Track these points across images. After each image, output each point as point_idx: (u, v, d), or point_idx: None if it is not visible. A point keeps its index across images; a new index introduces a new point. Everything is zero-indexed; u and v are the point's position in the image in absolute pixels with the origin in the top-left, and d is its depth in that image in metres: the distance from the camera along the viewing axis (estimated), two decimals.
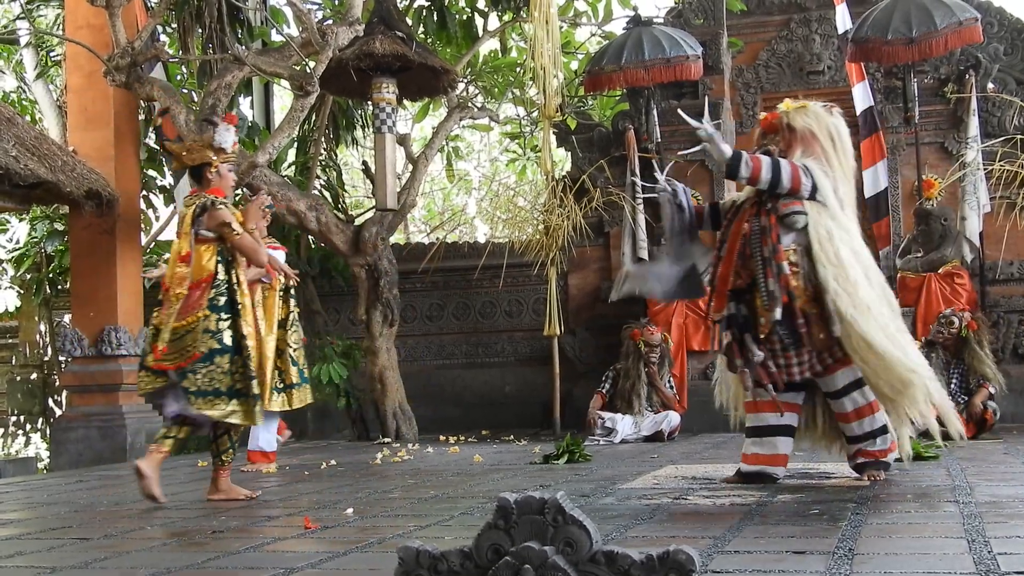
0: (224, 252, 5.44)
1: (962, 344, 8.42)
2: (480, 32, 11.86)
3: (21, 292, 14.25)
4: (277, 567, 3.41)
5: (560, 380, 10.30)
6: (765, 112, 5.72)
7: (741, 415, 5.64)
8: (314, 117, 11.83)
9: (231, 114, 6.07)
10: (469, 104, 12.01)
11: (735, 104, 11.30)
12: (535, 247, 10.24)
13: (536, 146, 13.34)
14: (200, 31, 10.92)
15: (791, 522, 4.04)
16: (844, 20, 10.50)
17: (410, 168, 11.60)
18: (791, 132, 5.38)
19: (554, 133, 11.39)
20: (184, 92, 11.71)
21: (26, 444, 13.81)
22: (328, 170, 12.85)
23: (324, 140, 12.32)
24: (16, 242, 13.86)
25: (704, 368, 10.41)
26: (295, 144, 12.58)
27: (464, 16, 11.83)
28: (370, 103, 10.28)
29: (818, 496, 4.78)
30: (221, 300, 5.36)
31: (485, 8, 11.83)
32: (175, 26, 11.47)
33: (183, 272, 5.43)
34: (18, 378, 14.15)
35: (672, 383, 9.56)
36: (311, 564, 3.44)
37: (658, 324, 9.90)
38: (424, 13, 11.64)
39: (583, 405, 9.80)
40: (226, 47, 10.20)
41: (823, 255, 5.09)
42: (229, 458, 5.60)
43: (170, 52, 11.08)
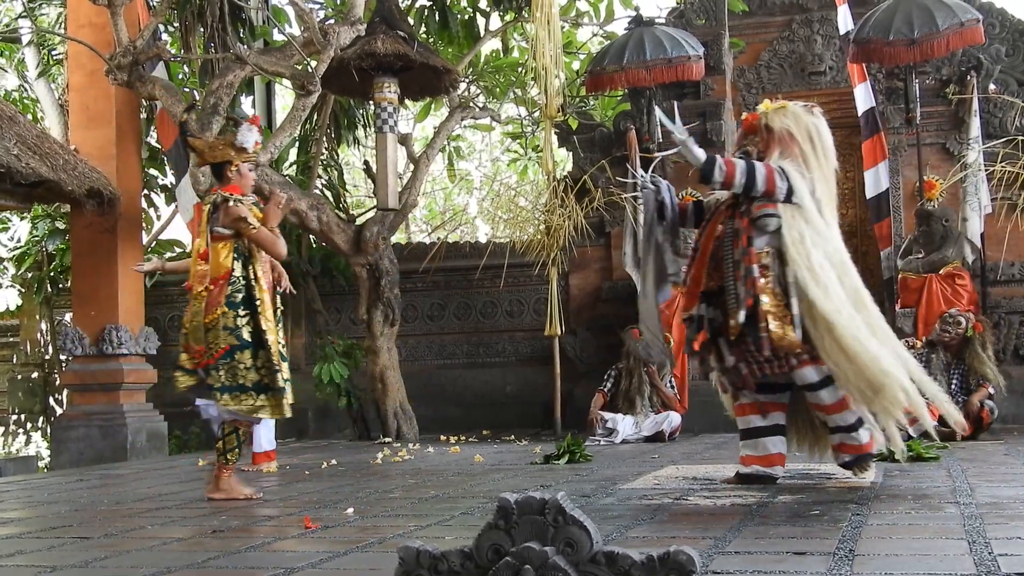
0: (241, 249, 5.48)
1: (965, 344, 8.40)
2: (482, 32, 11.85)
3: (22, 291, 14.25)
4: (278, 567, 3.41)
5: (561, 380, 10.30)
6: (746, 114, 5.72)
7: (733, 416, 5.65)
8: (316, 116, 11.83)
9: (255, 116, 6.11)
10: (471, 104, 12.01)
11: (737, 105, 11.31)
12: (536, 247, 10.23)
13: (537, 146, 13.33)
14: (202, 30, 10.92)
15: (792, 523, 4.04)
16: (846, 21, 10.50)
17: (411, 168, 11.60)
18: (769, 133, 5.36)
19: (555, 133, 11.39)
20: (186, 91, 11.71)
21: (27, 443, 13.80)
22: (329, 169, 12.84)
23: (325, 139, 12.31)
24: (17, 240, 13.87)
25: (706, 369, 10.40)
26: (296, 143, 12.58)
27: (466, 16, 11.83)
28: (372, 103, 10.28)
29: (819, 497, 4.78)
30: (239, 296, 5.42)
31: (487, 8, 11.83)
32: (177, 25, 11.47)
33: (203, 270, 5.51)
34: (19, 377, 14.15)
35: (673, 383, 9.56)
36: (312, 564, 3.44)
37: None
38: (426, 13, 11.64)
39: (584, 405, 9.80)
40: (228, 46, 10.20)
41: (794, 258, 5.05)
42: (235, 458, 5.61)
43: (172, 51, 11.08)
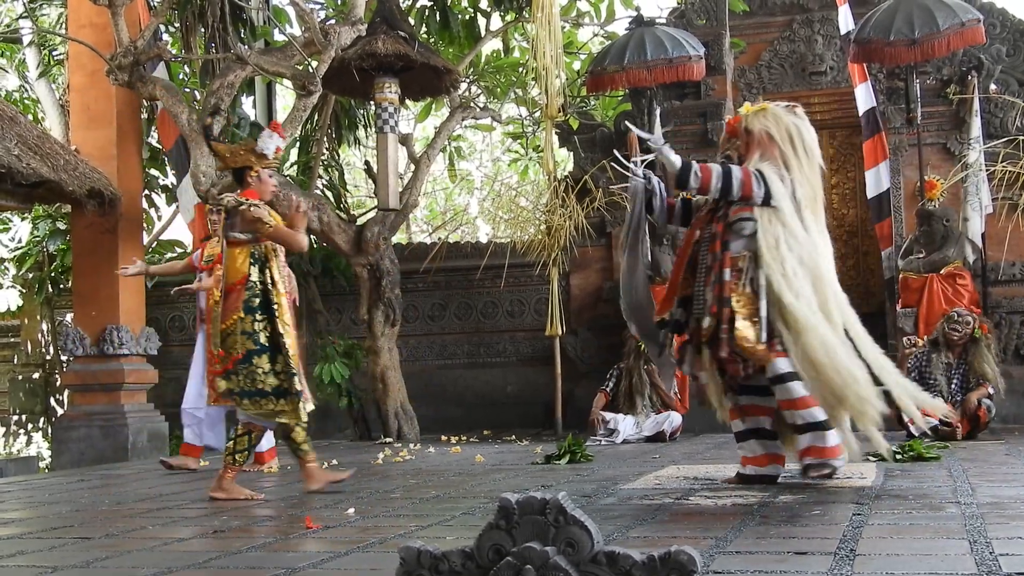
0: (257, 254, 5.52)
1: (971, 344, 8.36)
2: (482, 32, 11.86)
3: (23, 291, 14.26)
4: (279, 567, 3.41)
5: (562, 380, 10.30)
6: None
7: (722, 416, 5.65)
8: (316, 117, 11.83)
9: (275, 123, 6.14)
10: (471, 104, 12.01)
11: (737, 105, 11.30)
12: (537, 247, 10.24)
13: (538, 146, 13.33)
14: (203, 30, 10.92)
15: (793, 522, 4.04)
16: (846, 21, 10.50)
17: (412, 168, 11.60)
18: (749, 136, 5.34)
19: (556, 133, 11.39)
20: (186, 91, 11.71)
21: (28, 443, 13.81)
22: (330, 170, 12.85)
23: (326, 140, 12.32)
24: (18, 241, 13.88)
25: None
26: (297, 144, 12.59)
27: (467, 16, 11.83)
28: (372, 103, 10.28)
29: (820, 497, 4.78)
30: (256, 301, 5.46)
31: (488, 8, 11.83)
32: (177, 25, 11.48)
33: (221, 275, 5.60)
34: (20, 377, 14.16)
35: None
36: (312, 564, 3.44)
37: None
38: (427, 13, 11.65)
39: (585, 405, 9.80)
40: (229, 46, 10.20)
41: (769, 263, 5.04)
42: (243, 459, 5.64)
43: (173, 51, 11.09)
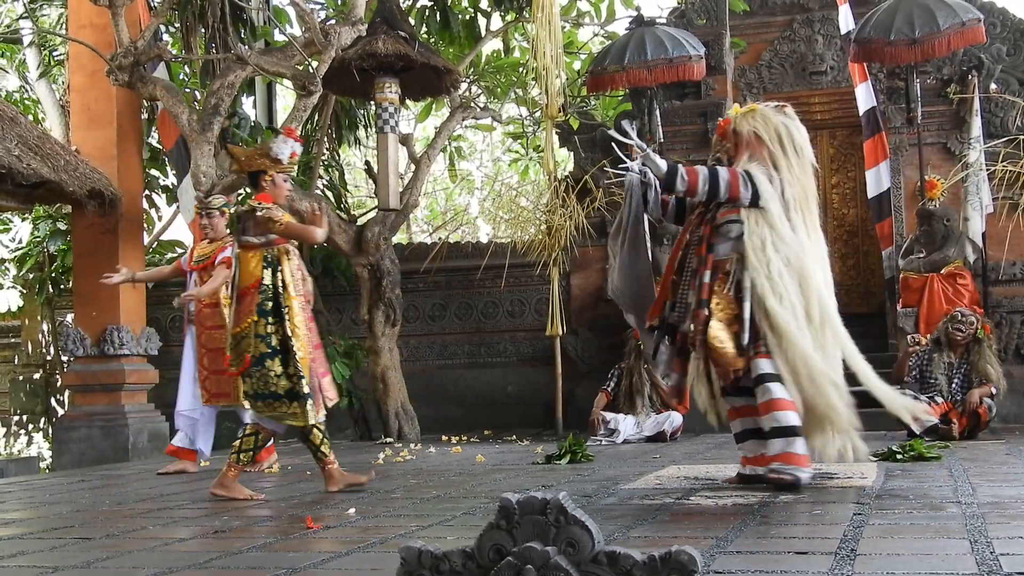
0: (270, 257, 5.56)
1: (973, 345, 8.34)
2: (483, 32, 11.86)
3: (24, 291, 14.27)
4: (279, 567, 3.41)
5: (562, 380, 10.30)
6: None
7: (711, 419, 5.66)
8: (317, 117, 11.84)
9: (289, 128, 6.18)
10: (472, 104, 12.01)
11: (739, 104, 11.30)
12: (537, 247, 10.23)
13: (539, 146, 13.34)
14: (203, 31, 10.92)
15: (793, 522, 4.04)
16: (847, 21, 10.50)
17: (413, 168, 11.60)
18: (737, 137, 5.33)
19: (557, 133, 11.39)
20: (187, 92, 11.72)
21: (28, 444, 13.82)
22: (331, 170, 12.85)
23: (327, 140, 12.32)
24: (19, 241, 13.89)
25: None
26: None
27: (467, 16, 11.83)
28: (373, 103, 10.28)
29: (820, 496, 4.78)
30: (268, 304, 5.49)
31: (488, 8, 11.83)
32: (178, 25, 11.47)
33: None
34: (20, 377, 14.17)
35: None
36: (313, 564, 3.44)
37: None
38: (427, 13, 11.65)
39: (585, 405, 9.79)
40: (229, 47, 10.20)
41: (754, 265, 5.02)
42: (247, 459, 5.65)
43: (173, 52, 11.09)
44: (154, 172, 12.96)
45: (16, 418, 13.99)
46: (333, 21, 10.32)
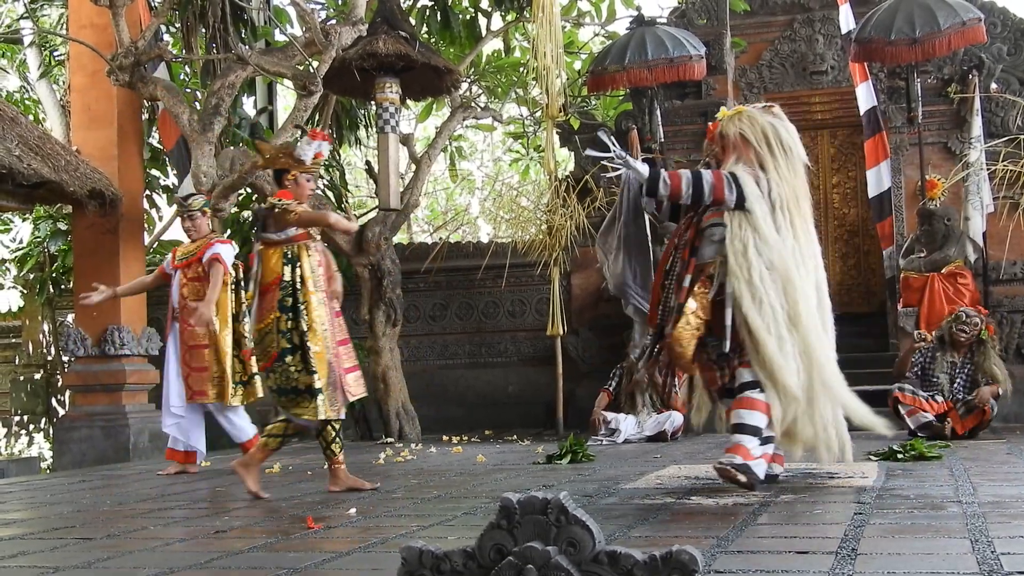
0: (290, 253, 5.58)
1: (977, 345, 8.33)
2: (483, 32, 11.86)
3: (24, 292, 14.27)
4: (280, 567, 3.41)
5: (563, 380, 10.30)
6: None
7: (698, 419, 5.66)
8: (317, 117, 11.84)
9: (315, 130, 6.20)
10: (472, 104, 12.01)
11: (740, 104, 11.31)
12: (538, 247, 10.24)
13: (539, 146, 13.35)
14: (204, 31, 10.93)
15: (794, 522, 4.04)
16: (847, 20, 10.50)
17: (413, 168, 11.60)
18: (724, 140, 5.30)
19: (557, 133, 11.40)
20: (187, 92, 11.72)
21: (29, 444, 13.83)
22: (331, 170, 12.85)
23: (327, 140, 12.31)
24: (19, 242, 13.89)
25: None
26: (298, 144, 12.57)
27: (467, 16, 11.83)
28: (373, 103, 10.28)
29: (821, 496, 4.78)
30: (288, 301, 5.53)
31: (488, 8, 11.83)
32: (178, 26, 11.48)
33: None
34: (21, 378, 14.17)
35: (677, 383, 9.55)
36: (314, 564, 3.44)
37: None
38: (427, 13, 11.65)
39: (586, 405, 9.79)
40: (229, 47, 10.20)
41: (734, 270, 4.99)
42: (274, 444, 5.68)
43: (173, 52, 11.10)
44: (155, 172, 12.96)
45: (17, 418, 14.00)
46: (334, 21, 10.33)
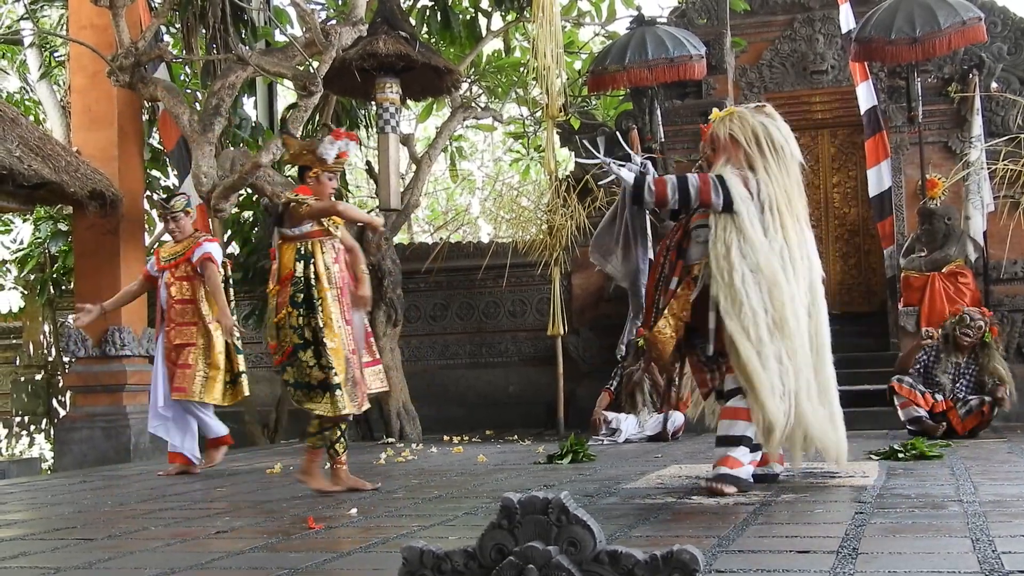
0: (303, 249, 5.61)
1: (981, 347, 8.31)
2: (484, 32, 11.86)
3: (25, 292, 14.28)
4: (281, 567, 3.41)
5: (564, 380, 10.30)
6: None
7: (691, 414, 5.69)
8: (318, 117, 11.84)
9: (338, 130, 6.20)
10: (473, 104, 12.01)
11: (739, 104, 11.31)
12: (539, 247, 10.23)
13: (540, 146, 13.35)
14: (204, 31, 10.93)
15: (795, 521, 4.04)
16: (848, 20, 10.51)
17: (414, 168, 11.59)
18: (715, 141, 5.27)
19: (558, 133, 11.39)
20: (188, 92, 11.72)
21: (30, 445, 13.83)
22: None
23: None
24: (20, 243, 13.90)
25: None
26: None
27: (467, 16, 11.83)
28: (374, 103, 10.28)
29: (822, 495, 4.78)
30: (300, 297, 5.55)
31: (488, 8, 11.83)
32: (179, 26, 11.48)
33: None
34: (22, 379, 14.18)
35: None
36: (315, 564, 3.44)
37: None
38: (428, 13, 11.65)
39: (587, 405, 9.79)
40: (230, 47, 10.20)
41: (714, 274, 4.95)
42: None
43: (174, 52, 11.09)
44: (155, 173, 12.96)
45: (18, 419, 14.00)
46: (334, 21, 10.32)
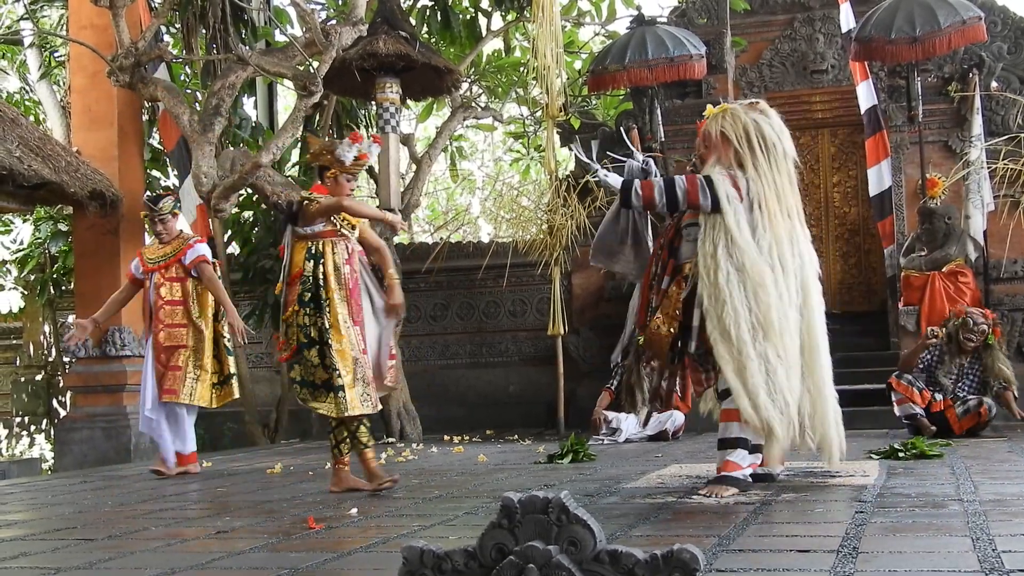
0: (314, 249, 5.61)
1: (984, 349, 8.29)
2: (484, 32, 11.86)
3: (25, 293, 14.28)
4: (281, 567, 3.41)
5: (564, 380, 10.29)
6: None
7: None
8: (318, 117, 11.84)
9: (356, 132, 6.20)
10: (473, 104, 12.01)
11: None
12: (539, 247, 10.23)
13: (540, 146, 13.35)
14: (204, 31, 10.93)
15: (795, 520, 4.03)
16: (848, 19, 10.51)
17: (414, 168, 11.60)
18: (707, 139, 5.24)
19: (558, 133, 11.39)
20: (188, 92, 11.72)
21: (30, 445, 13.83)
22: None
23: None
24: (20, 243, 13.90)
25: None
26: (299, 144, 12.59)
27: (468, 16, 11.84)
28: (374, 103, 10.29)
29: (822, 495, 4.78)
30: (307, 296, 5.55)
31: (488, 8, 11.84)
32: (179, 26, 11.49)
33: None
34: (22, 379, 14.18)
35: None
36: (316, 564, 3.44)
37: None
38: (428, 13, 11.65)
39: (587, 405, 9.79)
40: (230, 47, 10.20)
41: (700, 272, 4.94)
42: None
43: (174, 52, 11.10)
44: (155, 173, 12.96)
45: (18, 419, 14.00)
46: (334, 21, 10.33)
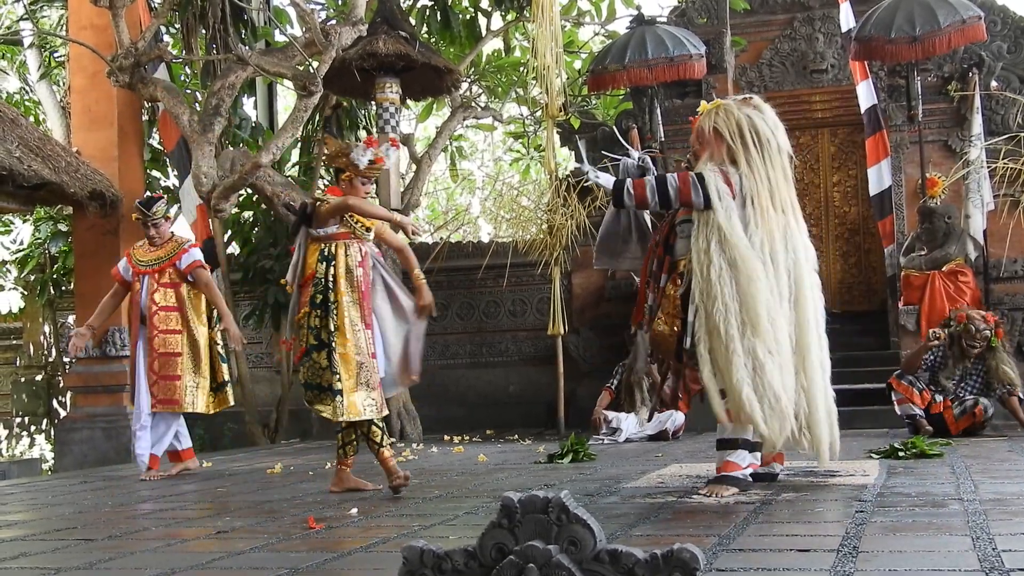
0: (326, 251, 5.61)
1: (988, 351, 8.28)
2: (483, 32, 11.86)
3: (25, 293, 14.28)
4: (282, 567, 3.41)
5: (564, 379, 10.29)
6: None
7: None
8: (317, 117, 11.84)
9: (371, 137, 6.22)
10: (472, 104, 12.01)
11: None
12: (539, 247, 10.23)
13: (540, 145, 13.34)
14: (204, 31, 10.93)
15: (795, 520, 4.03)
16: (847, 19, 10.50)
17: (414, 168, 11.59)
18: (700, 135, 5.21)
19: (558, 132, 11.39)
20: (188, 93, 11.72)
21: (31, 445, 13.83)
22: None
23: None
24: (20, 243, 13.90)
25: None
26: (299, 144, 12.59)
27: (467, 16, 11.84)
28: (374, 103, 10.29)
29: (822, 494, 4.78)
30: (319, 298, 5.56)
31: (488, 8, 11.83)
32: (178, 26, 11.49)
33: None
34: (23, 379, 14.17)
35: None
36: (316, 564, 3.45)
37: None
38: (427, 13, 11.65)
39: (587, 404, 9.79)
40: (230, 47, 10.21)
41: (693, 268, 4.93)
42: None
43: (174, 53, 11.10)
44: (155, 173, 12.96)
45: (18, 420, 14.00)
46: (334, 21, 10.33)
